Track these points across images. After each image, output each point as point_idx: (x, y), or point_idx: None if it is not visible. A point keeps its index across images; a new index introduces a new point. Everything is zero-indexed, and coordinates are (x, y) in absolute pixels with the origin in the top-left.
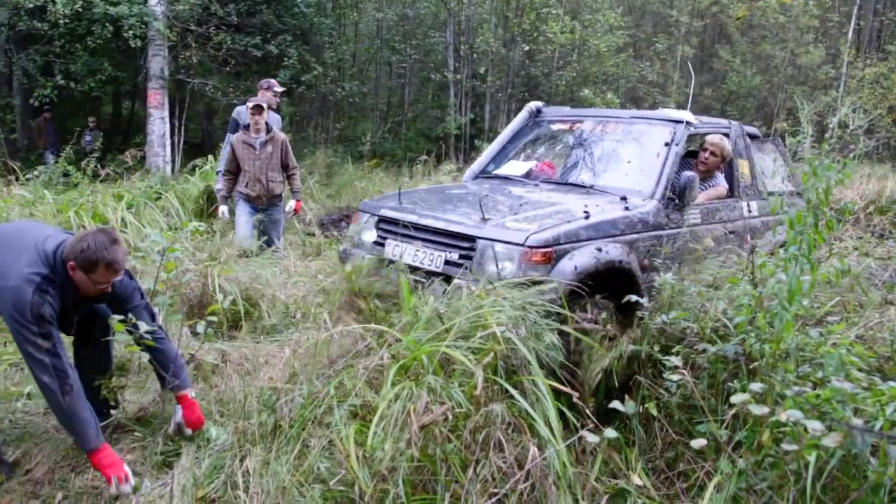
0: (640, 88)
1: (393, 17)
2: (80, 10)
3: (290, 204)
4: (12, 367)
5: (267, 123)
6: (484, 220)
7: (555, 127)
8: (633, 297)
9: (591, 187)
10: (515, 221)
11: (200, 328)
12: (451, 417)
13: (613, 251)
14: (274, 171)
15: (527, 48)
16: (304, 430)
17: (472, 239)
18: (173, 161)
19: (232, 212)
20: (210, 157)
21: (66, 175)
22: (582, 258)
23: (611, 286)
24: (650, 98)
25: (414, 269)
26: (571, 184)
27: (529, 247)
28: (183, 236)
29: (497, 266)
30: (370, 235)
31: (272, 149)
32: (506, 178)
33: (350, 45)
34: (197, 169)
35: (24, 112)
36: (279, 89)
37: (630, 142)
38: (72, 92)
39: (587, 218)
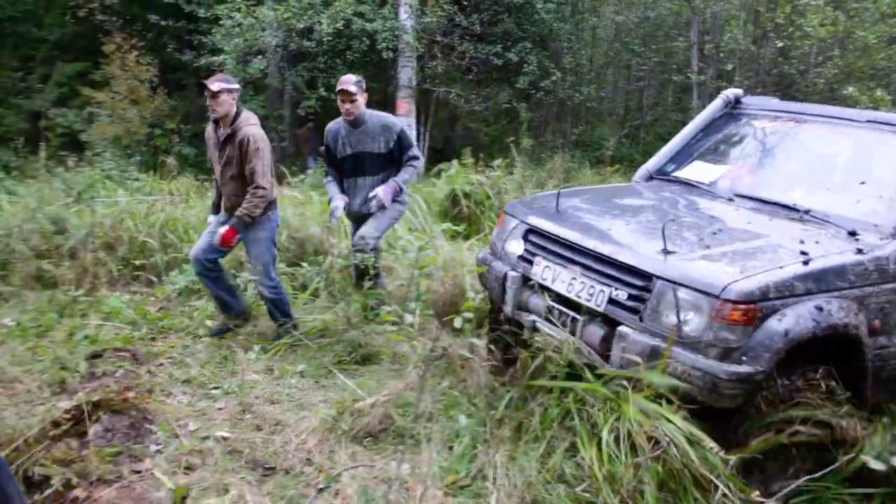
0: None
1: (633, 20)
2: (342, 27)
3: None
4: (289, 349)
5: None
6: (665, 251)
7: (758, 123)
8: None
9: (807, 212)
10: (709, 260)
11: (458, 323)
12: None
13: (838, 311)
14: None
15: (780, 44)
16: (548, 430)
17: (647, 277)
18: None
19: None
20: (454, 161)
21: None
22: (796, 320)
23: (825, 354)
24: None
25: (565, 301)
26: (778, 204)
27: (727, 300)
28: (437, 236)
29: (679, 318)
30: (516, 247)
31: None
32: (689, 185)
33: (588, 50)
34: (443, 172)
35: (292, 123)
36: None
37: (866, 154)
38: (332, 103)
39: (806, 263)
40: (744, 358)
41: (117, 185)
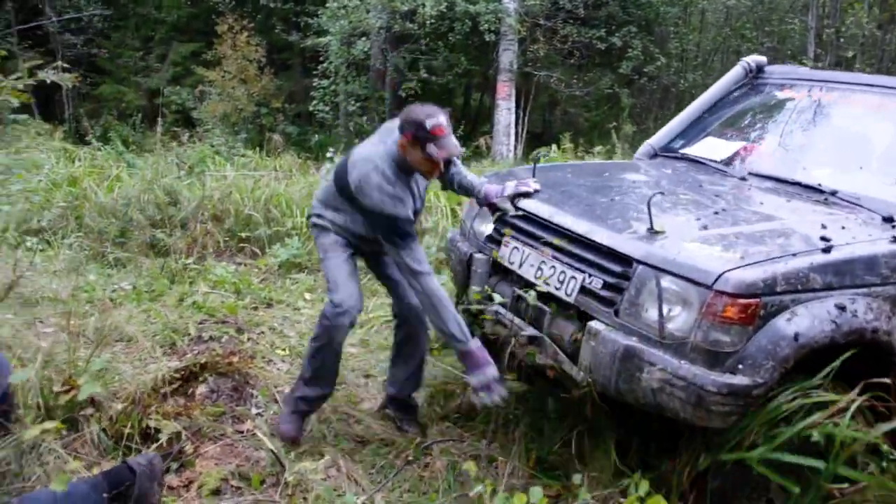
0: None
1: (745, 3)
2: (444, 10)
3: None
4: (384, 324)
5: None
6: (651, 231)
7: (782, 94)
8: None
9: (833, 194)
10: (703, 242)
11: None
12: None
13: (865, 312)
14: None
15: None
16: None
17: (627, 261)
18: (516, 150)
19: None
20: (553, 146)
21: None
22: (810, 321)
23: (847, 362)
24: None
25: (533, 290)
26: (799, 184)
27: (722, 292)
28: None
29: (661, 313)
30: (484, 226)
31: None
32: (697, 163)
33: (695, 35)
34: (542, 158)
35: (392, 104)
36: None
37: None
38: (432, 85)
39: (827, 251)
40: (739, 366)
41: (225, 161)
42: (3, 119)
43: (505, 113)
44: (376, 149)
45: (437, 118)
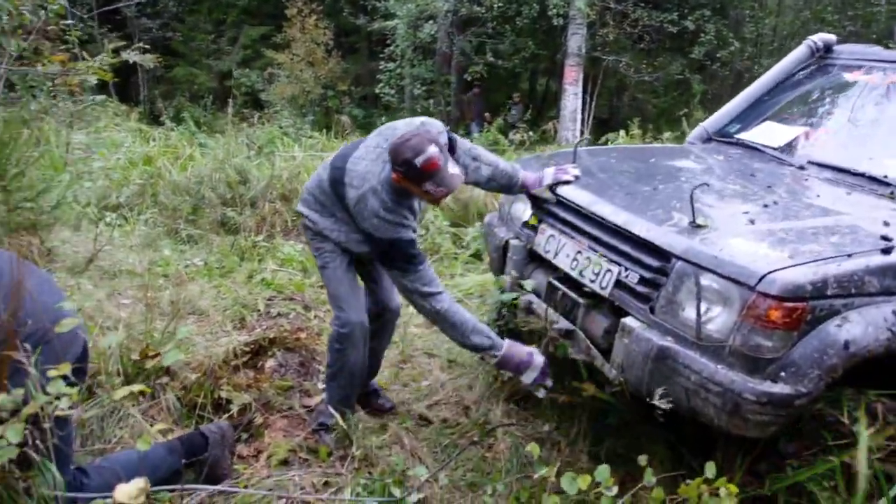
0: None
1: None
2: None
3: None
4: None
5: None
6: (693, 224)
7: (851, 76)
8: None
9: None
10: (749, 239)
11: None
12: None
13: None
14: None
15: None
16: None
17: (665, 255)
18: (582, 135)
19: None
20: (622, 132)
21: (494, 143)
22: (864, 328)
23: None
24: None
25: (568, 281)
26: (864, 175)
27: (765, 294)
28: None
29: (699, 313)
30: (523, 211)
31: None
32: (753, 149)
33: (772, 18)
34: (609, 143)
35: (458, 88)
36: None
37: None
38: (498, 70)
39: (887, 252)
40: (781, 374)
41: (293, 142)
42: (83, 99)
43: (572, 98)
44: (375, 168)
45: (427, 152)
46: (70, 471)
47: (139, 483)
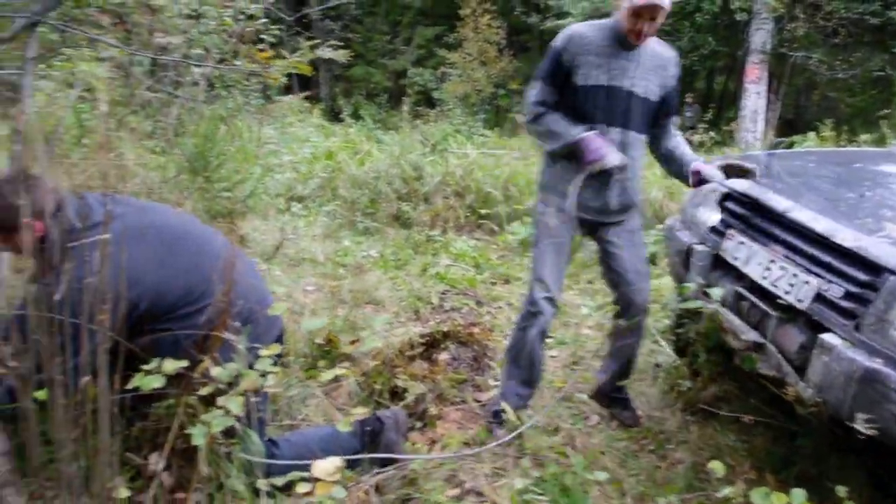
0: None
1: None
2: None
3: None
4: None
5: None
6: None
7: None
8: None
9: None
10: None
11: None
12: None
13: None
14: None
15: None
16: None
17: (876, 269)
18: (765, 137)
19: None
20: (811, 134)
21: None
22: None
23: None
24: None
25: (757, 290)
26: None
27: None
28: None
29: None
30: (708, 216)
31: None
32: None
33: None
34: (794, 145)
35: None
36: None
37: None
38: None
39: None
40: None
41: (466, 140)
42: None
43: (753, 97)
44: None
45: None
46: (264, 441)
47: (336, 461)
